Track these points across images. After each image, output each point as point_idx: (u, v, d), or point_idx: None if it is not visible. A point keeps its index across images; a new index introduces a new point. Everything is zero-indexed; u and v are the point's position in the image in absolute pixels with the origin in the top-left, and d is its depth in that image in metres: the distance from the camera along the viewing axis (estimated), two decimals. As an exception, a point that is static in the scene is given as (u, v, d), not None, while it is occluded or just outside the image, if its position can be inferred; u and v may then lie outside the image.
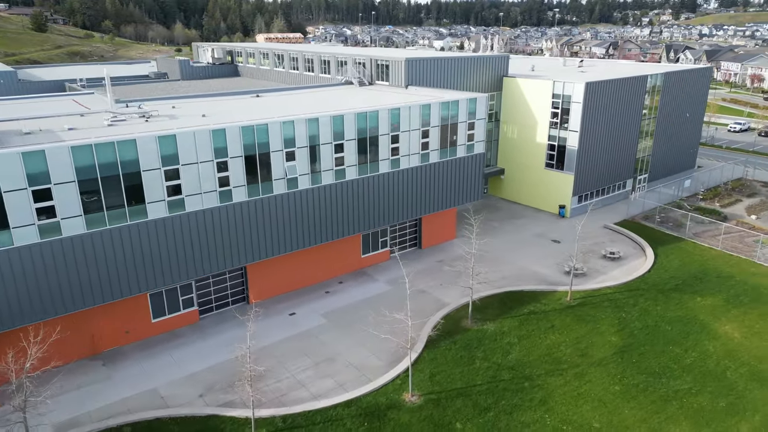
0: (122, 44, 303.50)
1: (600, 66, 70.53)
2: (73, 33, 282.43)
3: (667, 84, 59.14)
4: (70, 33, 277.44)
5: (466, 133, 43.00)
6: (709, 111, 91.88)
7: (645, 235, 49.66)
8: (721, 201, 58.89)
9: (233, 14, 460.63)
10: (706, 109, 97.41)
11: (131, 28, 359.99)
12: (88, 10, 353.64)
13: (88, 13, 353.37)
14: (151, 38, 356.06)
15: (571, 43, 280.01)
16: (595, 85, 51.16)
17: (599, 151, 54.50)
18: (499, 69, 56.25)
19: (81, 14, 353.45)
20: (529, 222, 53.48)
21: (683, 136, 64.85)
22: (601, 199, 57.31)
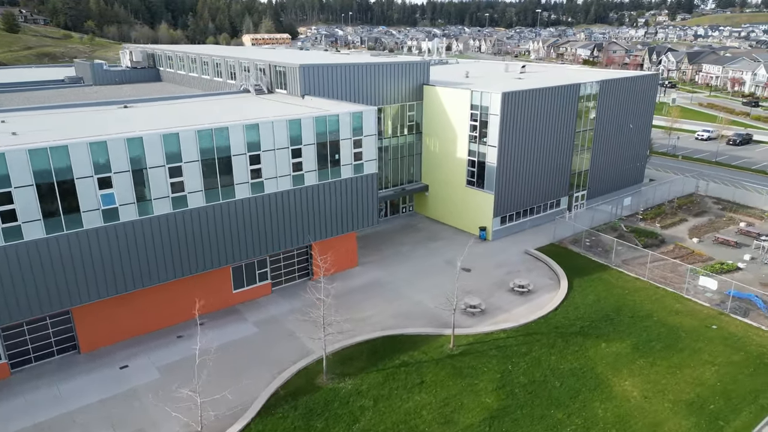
0: (102, 45, 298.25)
1: (544, 73, 65.42)
2: (50, 34, 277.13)
3: (605, 93, 54.04)
4: (47, 34, 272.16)
5: (351, 152, 37.91)
6: (672, 117, 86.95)
7: (567, 263, 44.58)
8: (663, 221, 53.78)
9: (222, 14, 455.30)
10: (671, 114, 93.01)
11: (114, 28, 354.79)
12: (70, 10, 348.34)
13: (70, 14, 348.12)
14: (135, 39, 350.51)
15: (557, 44, 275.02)
16: (513, 95, 46.05)
17: (524, 168, 49.38)
18: (419, 76, 51.18)
19: (63, 14, 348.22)
20: (444, 246, 48.36)
21: (628, 148, 59.76)
22: (530, 219, 52.21)
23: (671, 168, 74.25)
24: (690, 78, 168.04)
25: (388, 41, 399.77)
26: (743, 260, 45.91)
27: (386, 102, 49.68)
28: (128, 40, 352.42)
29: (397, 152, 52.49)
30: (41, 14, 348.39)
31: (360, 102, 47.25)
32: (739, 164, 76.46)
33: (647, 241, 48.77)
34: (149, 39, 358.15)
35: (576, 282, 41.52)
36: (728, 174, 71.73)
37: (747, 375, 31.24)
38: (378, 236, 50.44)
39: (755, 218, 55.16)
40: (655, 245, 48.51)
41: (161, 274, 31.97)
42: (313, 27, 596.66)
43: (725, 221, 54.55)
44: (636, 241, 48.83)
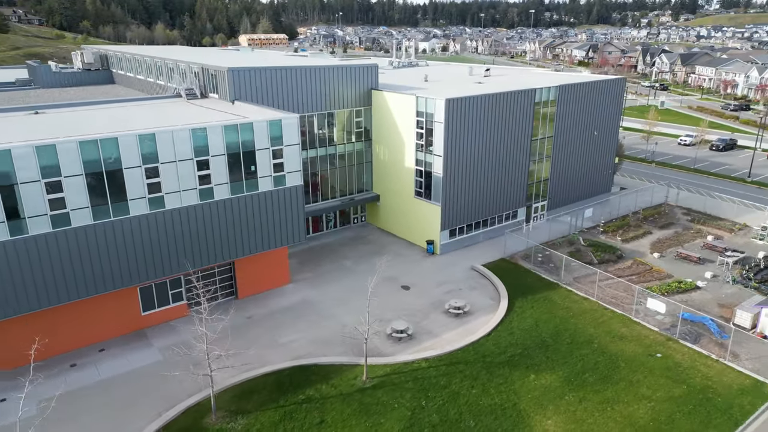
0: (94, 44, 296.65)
1: (508, 77, 62.47)
2: (43, 34, 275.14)
3: (564, 98, 51.08)
4: (39, 34, 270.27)
5: (270, 163, 35.13)
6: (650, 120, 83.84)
7: (513, 281, 41.71)
8: (626, 234, 50.79)
9: (220, 15, 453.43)
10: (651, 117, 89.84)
11: (110, 28, 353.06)
12: (66, 10, 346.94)
13: (65, 14, 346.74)
14: (130, 39, 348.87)
15: (553, 45, 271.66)
16: (459, 101, 43.19)
17: (473, 178, 46.49)
18: (367, 80, 48.40)
19: (59, 14, 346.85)
20: (390, 261, 45.40)
21: (593, 156, 56.76)
22: (484, 231, 49.30)
23: (647, 175, 71.16)
24: (683, 80, 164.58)
25: (387, 41, 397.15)
26: (704, 278, 42.94)
27: (331, 107, 46.95)
28: (123, 40, 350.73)
29: (344, 160, 49.71)
30: (38, 14, 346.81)
31: (300, 108, 44.60)
32: (719, 171, 73.35)
33: (604, 257, 45.84)
34: (145, 39, 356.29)
35: (518, 303, 38.63)
36: (706, 182, 68.63)
37: (685, 413, 28.33)
38: (322, 249, 47.67)
39: (725, 231, 52.11)
40: (612, 261, 45.58)
41: (42, 299, 29.25)
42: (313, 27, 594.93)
43: (693, 234, 51.55)
44: (592, 256, 45.90)
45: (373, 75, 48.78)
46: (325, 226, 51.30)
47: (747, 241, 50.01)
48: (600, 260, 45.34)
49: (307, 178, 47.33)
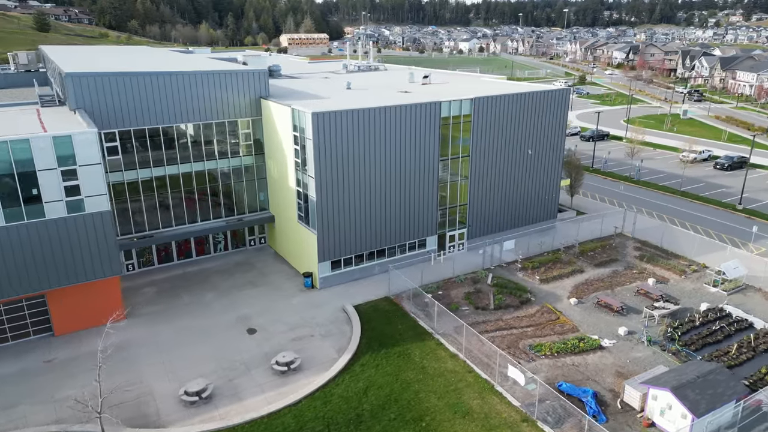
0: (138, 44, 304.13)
1: (446, 85, 55.73)
2: (86, 33, 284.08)
3: (481, 112, 44.19)
4: (82, 33, 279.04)
5: (60, 186, 30.53)
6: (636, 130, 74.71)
7: (379, 328, 35.65)
8: (548, 272, 43.43)
9: (266, 14, 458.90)
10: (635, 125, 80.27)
11: (156, 27, 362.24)
12: (115, 10, 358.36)
13: (114, 13, 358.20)
14: (174, 38, 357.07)
15: (594, 46, 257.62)
16: (329, 115, 37.36)
17: (359, 203, 40.52)
18: (254, 88, 43.26)
19: (109, 14, 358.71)
20: (259, 295, 40.23)
21: (528, 178, 49.37)
22: (381, 263, 43.17)
23: (623, 198, 62.57)
24: (722, 86, 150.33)
25: (427, 42, 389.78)
26: (616, 335, 35.44)
27: (210, 117, 42.14)
28: (168, 39, 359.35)
29: (231, 176, 44.75)
30: (92, 14, 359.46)
31: (168, 118, 40.19)
32: (712, 195, 63.78)
33: (505, 300, 38.93)
34: (189, 38, 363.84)
35: (365, 359, 32.53)
36: (687, 208, 59.55)
37: None
38: (195, 276, 42.92)
39: (675, 273, 43.83)
40: (514, 306, 38.60)
41: None
42: (361, 27, 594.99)
43: (634, 275, 43.62)
44: (491, 299, 39.04)
45: (262, 82, 43.55)
46: (213, 248, 46.50)
47: (697, 288, 41.71)
48: (499, 305, 38.45)
49: (181, 196, 42.83)
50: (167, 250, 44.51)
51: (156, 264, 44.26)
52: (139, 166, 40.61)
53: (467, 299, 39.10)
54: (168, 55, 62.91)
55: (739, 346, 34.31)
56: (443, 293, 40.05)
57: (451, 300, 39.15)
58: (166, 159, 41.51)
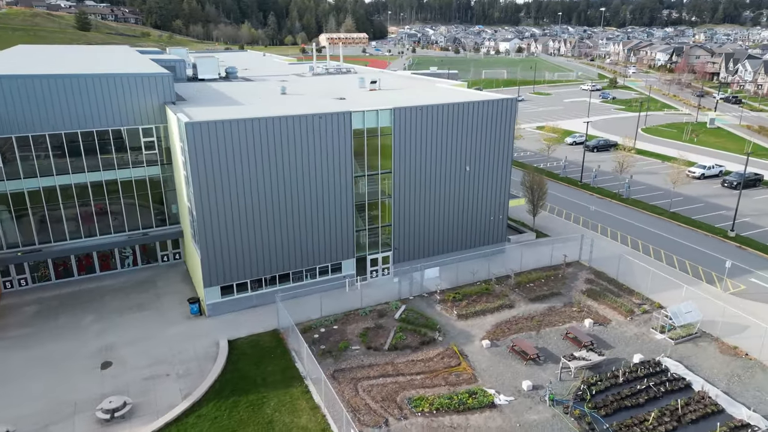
0: (179, 43, 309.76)
1: (398, 91, 51.02)
2: (127, 32, 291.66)
3: (403, 124, 39.35)
4: (123, 32, 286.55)
5: None
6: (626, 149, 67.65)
7: (245, 368, 31.72)
8: (471, 307, 38.25)
9: (309, 13, 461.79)
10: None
11: (199, 27, 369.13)
12: (161, 9, 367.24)
13: (160, 13, 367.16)
14: (216, 37, 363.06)
15: (638, 47, 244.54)
16: (209, 125, 33.55)
17: (253, 223, 36.54)
18: (158, 92, 39.99)
19: (155, 13, 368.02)
20: (141, 319, 36.90)
21: (470, 198, 44.08)
22: (286, 288, 39.08)
23: (600, 218, 56.11)
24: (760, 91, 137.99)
25: (467, 42, 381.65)
26: (520, 389, 30.17)
27: (107, 124, 39.19)
28: (211, 38, 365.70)
29: (133, 187, 41.66)
30: (141, 14, 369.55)
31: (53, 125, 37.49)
32: (706, 218, 56.41)
33: (405, 339, 34.14)
34: (230, 38, 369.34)
35: (208, 407, 28.54)
36: (671, 233, 52.63)
37: None
38: (86, 295, 39.98)
39: (620, 313, 37.83)
40: (413, 347, 33.75)
41: None
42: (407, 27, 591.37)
43: (572, 313, 37.95)
44: (389, 337, 34.33)
45: (165, 86, 40.20)
46: (120, 263, 43.54)
47: (641, 333, 35.67)
48: (395, 345, 33.68)
49: (75, 208, 40.07)
50: (66, 264, 41.83)
51: (53, 279, 41.65)
52: (24, 176, 37.98)
53: (362, 336, 34.51)
54: (97, 54, 60.28)
55: (661, 413, 28.44)
56: (339, 328, 35.59)
57: (344, 336, 34.67)
58: (55, 168, 38.75)
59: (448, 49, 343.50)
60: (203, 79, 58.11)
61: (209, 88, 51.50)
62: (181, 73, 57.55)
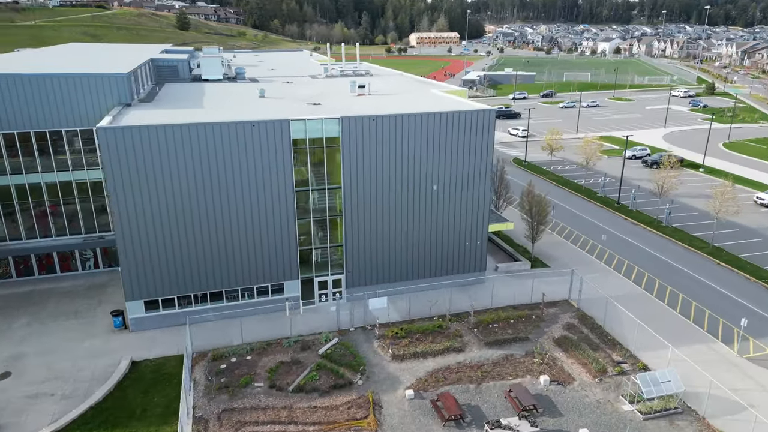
0: (272, 42, 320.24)
1: (391, 96, 46.72)
2: (224, 31, 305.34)
3: (354, 135, 35.14)
4: (220, 31, 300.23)
5: None
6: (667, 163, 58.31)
7: (134, 394, 29.42)
8: (413, 346, 33.44)
9: (404, 13, 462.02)
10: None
11: (294, 26, 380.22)
12: (260, 9, 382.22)
13: (259, 13, 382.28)
14: (309, 36, 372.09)
15: (754, 49, 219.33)
16: (122, 131, 31.45)
17: (179, 236, 34.11)
18: (113, 94, 38.75)
19: (255, 14, 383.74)
20: (67, 328, 35.67)
21: (439, 220, 38.94)
22: (218, 307, 36.38)
23: (616, 249, 48.48)
24: None
25: (564, 42, 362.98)
26: (415, 461, 25.35)
27: (61, 125, 38.53)
28: (304, 38, 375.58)
29: (87, 189, 40.81)
30: (243, 14, 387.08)
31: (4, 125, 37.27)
32: (754, 258, 46.88)
33: (318, 380, 30.17)
34: (323, 37, 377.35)
35: (64, 438, 26.31)
36: (707, 275, 44.13)
37: None
38: (38, 296, 39.53)
39: (589, 371, 31.36)
40: (321, 391, 29.67)
41: None
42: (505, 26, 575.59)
43: (533, 366, 32.07)
44: (301, 375, 30.51)
45: (121, 88, 38.82)
46: (81, 265, 42.96)
47: (606, 400, 29.23)
48: (302, 386, 29.80)
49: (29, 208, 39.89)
50: (27, 263, 41.83)
51: (14, 277, 41.82)
52: (-23, 174, 38.17)
53: (271, 372, 30.91)
54: (100, 53, 60.68)
55: None
56: (252, 359, 32.23)
57: (252, 370, 31.26)
58: (9, 168, 38.69)
59: (542, 49, 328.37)
60: (206, 80, 56.94)
61: (195, 89, 50.03)
62: (184, 73, 56.83)
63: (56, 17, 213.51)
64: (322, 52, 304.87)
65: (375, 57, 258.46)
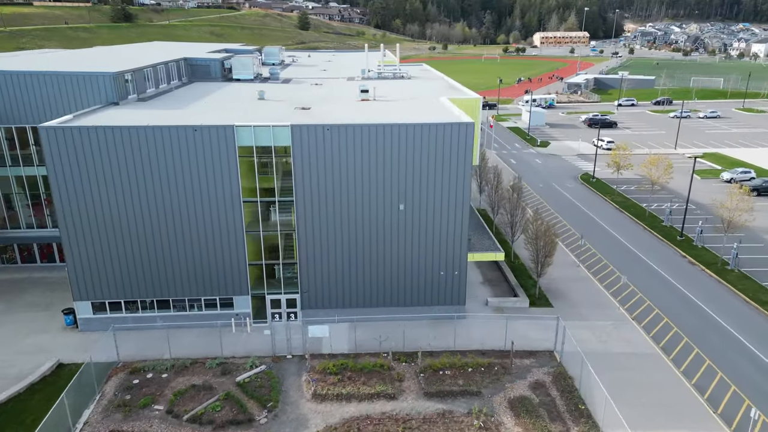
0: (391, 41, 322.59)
1: (396, 103, 42.82)
2: (344, 31, 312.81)
3: (310, 146, 31.89)
4: (341, 31, 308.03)
5: None
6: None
7: (42, 401, 28.78)
8: (342, 386, 29.66)
9: (532, 11, 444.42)
10: None
11: (416, 26, 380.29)
12: (383, 9, 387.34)
13: (382, 13, 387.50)
14: (429, 36, 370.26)
15: None
16: (63, 131, 31.11)
17: (122, 240, 33.30)
18: (98, 93, 39.14)
19: (378, 13, 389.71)
20: (30, 319, 36.50)
21: (408, 244, 34.43)
22: (166, 315, 35.25)
23: (650, 293, 40.42)
24: None
25: (712, 42, 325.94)
26: None
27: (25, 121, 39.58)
28: (424, 37, 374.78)
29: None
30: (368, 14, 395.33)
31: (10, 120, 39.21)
32: (840, 320, 36.56)
33: (219, 412, 27.69)
34: (443, 36, 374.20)
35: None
36: (754, 336, 35.23)
37: None
38: (29, 283, 41.28)
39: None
40: (216, 425, 27.07)
41: None
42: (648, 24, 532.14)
43: (471, 429, 26.96)
44: (201, 405, 28.16)
45: (107, 87, 38.98)
46: (60, 257, 44.23)
47: (536, 491, 23.47)
48: (202, 417, 27.43)
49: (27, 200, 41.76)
50: (30, 250, 43.92)
51: (19, 263, 44.11)
52: (-5, 165, 40.48)
53: (176, 395, 28.87)
54: (119, 53, 62.11)
55: None
56: (167, 377, 30.43)
57: (160, 390, 29.43)
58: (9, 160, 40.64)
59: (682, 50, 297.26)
60: (238, 79, 56.68)
61: (210, 88, 49.63)
62: (216, 72, 56.94)
63: (189, 18, 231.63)
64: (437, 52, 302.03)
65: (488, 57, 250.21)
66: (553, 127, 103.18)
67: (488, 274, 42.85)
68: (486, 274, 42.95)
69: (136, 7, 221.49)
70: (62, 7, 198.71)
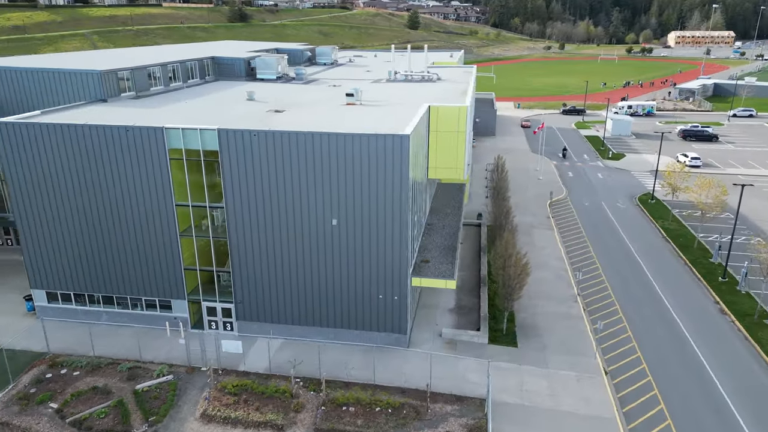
0: (505, 41, 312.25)
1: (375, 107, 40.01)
2: (456, 30, 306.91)
3: (238, 152, 30.25)
4: (452, 30, 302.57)
5: None
6: None
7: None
8: (236, 408, 27.88)
9: (671, 8, 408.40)
10: None
11: (535, 25, 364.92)
12: (501, 8, 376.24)
13: (500, 11, 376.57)
14: (549, 35, 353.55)
15: None
16: (13, 126, 32.28)
17: (70, 232, 34.08)
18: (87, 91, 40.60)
19: (496, 12, 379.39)
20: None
21: (344, 261, 31.58)
22: (111, 312, 35.64)
23: (653, 344, 33.90)
24: None
25: None
26: None
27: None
28: (542, 36, 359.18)
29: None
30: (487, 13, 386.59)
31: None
32: None
33: (102, 418, 27.27)
34: (564, 35, 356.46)
35: None
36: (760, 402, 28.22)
37: None
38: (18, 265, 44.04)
39: None
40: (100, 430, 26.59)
41: None
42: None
43: (332, 480, 24.02)
44: (93, 408, 27.86)
45: (94, 85, 40.34)
46: (78, 245, 46.55)
47: None
48: (85, 421, 27.06)
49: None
50: (23, 233, 46.90)
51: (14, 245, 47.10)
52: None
53: (74, 395, 28.77)
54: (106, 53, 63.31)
55: None
56: (78, 375, 30.45)
57: (64, 388, 29.49)
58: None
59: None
60: (262, 79, 56.75)
61: (221, 87, 50.05)
62: (240, 71, 57.33)
63: (301, 17, 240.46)
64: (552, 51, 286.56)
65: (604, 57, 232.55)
66: (640, 137, 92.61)
67: (464, 300, 38.58)
68: (461, 299, 38.70)
69: (253, 8, 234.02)
70: (187, 8, 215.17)
